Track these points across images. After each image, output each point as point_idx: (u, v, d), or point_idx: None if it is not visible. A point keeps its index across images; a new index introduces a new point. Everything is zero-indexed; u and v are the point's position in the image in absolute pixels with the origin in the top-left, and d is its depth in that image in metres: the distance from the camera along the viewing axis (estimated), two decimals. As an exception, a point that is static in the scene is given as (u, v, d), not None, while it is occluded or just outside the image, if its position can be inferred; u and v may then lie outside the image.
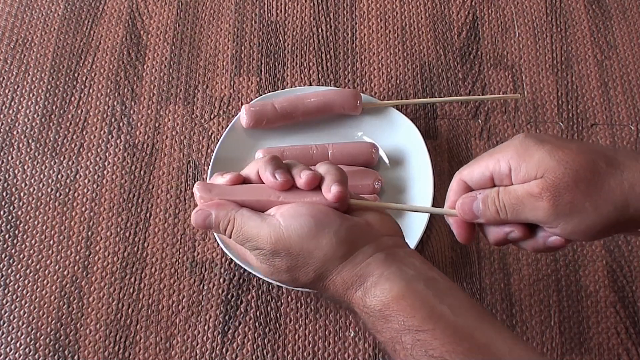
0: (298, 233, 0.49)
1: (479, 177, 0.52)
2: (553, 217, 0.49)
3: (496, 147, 0.52)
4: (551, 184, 0.48)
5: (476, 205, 0.52)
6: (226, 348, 0.70)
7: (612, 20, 0.89)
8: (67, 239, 0.75)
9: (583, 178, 0.48)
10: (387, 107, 0.80)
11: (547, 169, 0.48)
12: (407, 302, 0.47)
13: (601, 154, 0.49)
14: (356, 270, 0.49)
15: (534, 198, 0.49)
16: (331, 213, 0.50)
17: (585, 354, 0.71)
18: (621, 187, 0.47)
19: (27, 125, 0.81)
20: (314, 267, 0.50)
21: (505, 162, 0.50)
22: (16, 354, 0.70)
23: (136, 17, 0.88)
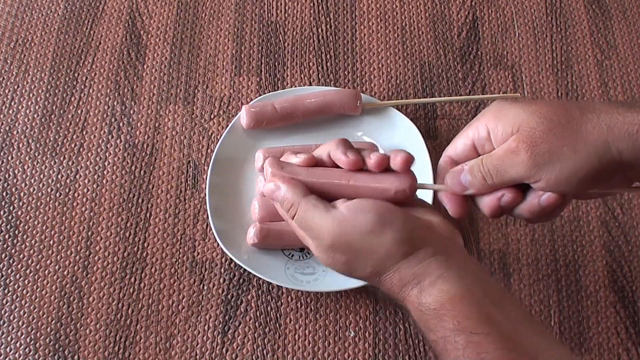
0: (360, 229, 0.50)
1: (462, 149, 0.53)
2: (534, 169, 0.48)
3: (475, 117, 0.53)
4: (526, 135, 0.48)
5: (464, 177, 0.52)
6: (226, 348, 0.70)
7: (612, 20, 0.89)
8: (67, 239, 0.75)
9: (557, 124, 0.48)
10: (387, 107, 0.80)
11: (521, 122, 0.48)
12: (463, 304, 0.47)
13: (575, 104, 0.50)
14: (415, 269, 0.49)
15: (513, 154, 0.49)
16: (395, 210, 0.51)
17: (585, 354, 0.71)
18: (599, 128, 0.47)
19: (27, 125, 0.81)
20: (372, 262, 0.50)
21: (483, 126, 0.51)
22: (16, 354, 0.70)
23: (136, 17, 0.88)
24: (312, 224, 0.51)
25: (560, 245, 0.75)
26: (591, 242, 0.76)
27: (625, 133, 0.46)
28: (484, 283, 0.50)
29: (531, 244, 0.75)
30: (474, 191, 0.53)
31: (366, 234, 0.50)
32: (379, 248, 0.50)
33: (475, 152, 0.52)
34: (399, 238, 0.50)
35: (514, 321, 0.48)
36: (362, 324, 0.71)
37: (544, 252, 0.75)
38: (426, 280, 0.49)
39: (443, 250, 0.50)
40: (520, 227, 0.76)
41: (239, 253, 0.71)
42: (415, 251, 0.50)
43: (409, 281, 0.49)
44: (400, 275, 0.50)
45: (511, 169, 0.49)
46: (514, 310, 0.49)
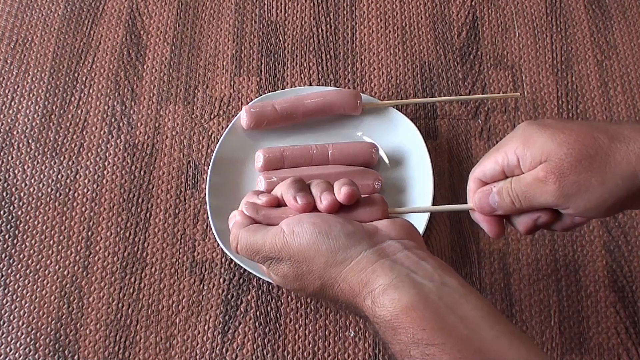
0: (299, 240, 0.50)
1: (492, 173, 0.53)
2: (562, 199, 0.49)
3: (502, 141, 0.53)
4: (555, 166, 0.49)
5: (492, 198, 0.53)
6: (226, 348, 0.70)
7: (612, 20, 0.89)
8: (67, 239, 0.75)
9: (586, 155, 0.48)
10: (387, 107, 0.80)
11: (550, 152, 0.49)
12: (416, 314, 0.46)
13: (603, 129, 0.49)
14: (362, 276, 0.48)
15: (541, 183, 0.49)
16: (332, 219, 0.51)
17: (585, 354, 0.71)
18: (627, 158, 0.47)
19: (27, 125, 0.81)
20: (317, 274, 0.50)
21: (512, 153, 0.51)
22: (16, 354, 0.70)
23: (136, 17, 0.88)
24: (255, 246, 0.52)
25: (560, 245, 0.75)
26: (591, 242, 0.76)
27: None
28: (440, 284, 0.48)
29: (531, 244, 0.75)
30: (502, 212, 0.54)
31: (305, 245, 0.50)
32: (318, 257, 0.49)
33: (503, 175, 0.53)
34: (335, 245, 0.49)
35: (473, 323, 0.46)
36: (362, 324, 0.71)
37: (544, 252, 0.75)
38: (376, 288, 0.47)
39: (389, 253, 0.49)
40: (520, 227, 0.76)
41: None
42: (356, 257, 0.49)
43: (360, 290, 0.48)
44: (349, 284, 0.49)
45: (540, 197, 0.50)
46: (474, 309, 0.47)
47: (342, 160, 0.76)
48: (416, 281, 0.47)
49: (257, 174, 0.76)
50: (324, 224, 0.50)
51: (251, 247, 0.52)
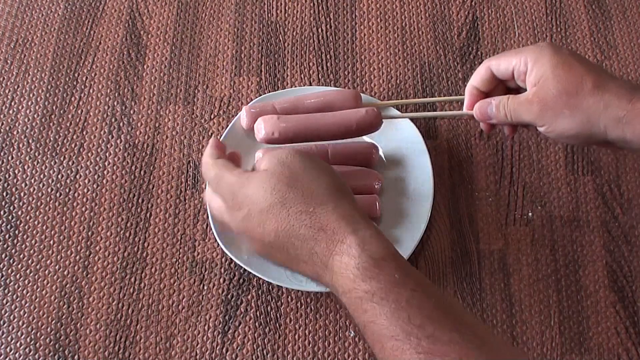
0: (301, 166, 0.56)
1: (504, 70, 0.64)
2: (540, 119, 0.62)
3: (524, 48, 0.65)
4: (542, 94, 0.61)
5: (490, 109, 0.66)
6: (226, 348, 0.70)
7: (612, 20, 0.89)
8: (67, 239, 0.75)
9: (568, 92, 0.59)
10: (387, 107, 0.80)
11: (545, 79, 0.61)
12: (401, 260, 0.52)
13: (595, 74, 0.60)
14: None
15: (529, 103, 0.62)
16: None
17: (585, 354, 0.71)
18: (597, 104, 0.58)
19: (27, 125, 0.81)
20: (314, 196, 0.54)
21: (525, 62, 0.62)
22: (16, 354, 0.70)
23: (136, 17, 0.88)
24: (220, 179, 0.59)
25: (560, 245, 0.75)
26: (591, 242, 0.76)
27: (614, 115, 0.58)
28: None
29: (531, 244, 0.75)
30: (495, 122, 0.66)
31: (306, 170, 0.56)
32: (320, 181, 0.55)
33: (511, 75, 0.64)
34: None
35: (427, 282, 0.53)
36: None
37: (544, 252, 0.75)
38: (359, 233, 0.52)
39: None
40: (520, 227, 0.76)
41: (239, 253, 0.71)
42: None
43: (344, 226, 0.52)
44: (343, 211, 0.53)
45: (525, 115, 0.63)
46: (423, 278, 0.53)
47: (342, 160, 0.76)
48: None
49: (257, 174, 0.76)
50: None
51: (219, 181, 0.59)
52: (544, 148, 0.81)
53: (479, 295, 0.73)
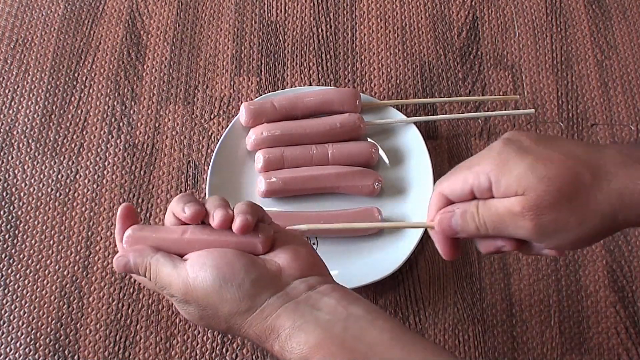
0: (203, 286, 0.48)
1: (460, 192, 0.50)
2: (537, 236, 0.47)
3: (474, 157, 0.50)
4: (533, 203, 0.46)
5: (455, 221, 0.50)
6: (226, 348, 0.70)
7: (612, 20, 0.89)
8: (67, 239, 0.75)
9: (566, 194, 0.45)
10: (387, 107, 0.80)
11: (528, 185, 0.46)
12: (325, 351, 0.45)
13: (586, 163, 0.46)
14: (267, 323, 0.48)
15: (516, 217, 0.47)
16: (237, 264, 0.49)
17: (585, 354, 0.71)
18: (609, 198, 0.45)
19: (27, 125, 0.81)
20: (222, 319, 0.49)
21: (485, 175, 0.48)
22: (16, 354, 0.70)
23: (136, 17, 0.88)
24: (163, 282, 0.50)
25: (560, 245, 0.75)
26: (591, 242, 0.76)
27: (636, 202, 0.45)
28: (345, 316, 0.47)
29: (531, 244, 0.75)
30: (464, 236, 0.51)
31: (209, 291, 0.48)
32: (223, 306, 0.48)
33: (472, 196, 0.50)
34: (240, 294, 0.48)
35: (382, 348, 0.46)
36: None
37: (544, 252, 0.75)
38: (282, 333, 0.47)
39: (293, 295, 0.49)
40: (520, 227, 0.76)
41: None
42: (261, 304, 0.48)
43: (267, 336, 0.48)
44: (255, 331, 0.48)
45: (512, 229, 0.48)
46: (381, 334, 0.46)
47: (342, 160, 0.76)
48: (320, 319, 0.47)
49: (257, 175, 0.76)
50: (227, 269, 0.48)
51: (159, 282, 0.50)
52: (544, 148, 0.81)
53: (479, 295, 0.73)
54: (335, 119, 0.77)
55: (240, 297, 0.48)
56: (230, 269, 0.49)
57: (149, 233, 0.52)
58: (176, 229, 0.52)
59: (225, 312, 0.48)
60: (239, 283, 0.48)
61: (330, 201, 0.75)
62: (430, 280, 0.74)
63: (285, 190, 0.74)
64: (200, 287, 0.48)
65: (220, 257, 0.49)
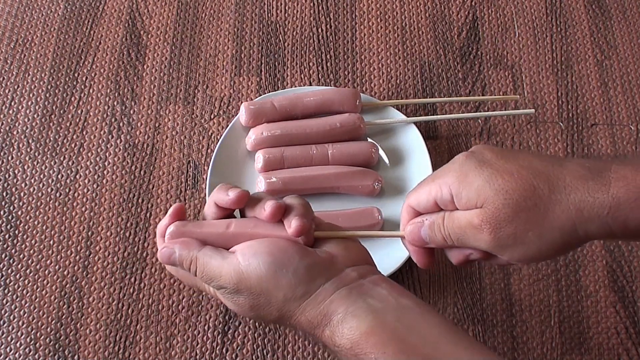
0: (257, 273, 0.48)
1: (425, 204, 0.51)
2: (496, 249, 0.48)
3: (439, 170, 0.52)
4: (491, 215, 0.47)
5: (424, 231, 0.52)
6: (226, 348, 0.70)
7: (612, 20, 0.89)
8: (67, 239, 0.75)
9: (524, 207, 0.46)
10: (387, 106, 0.80)
11: (486, 199, 0.47)
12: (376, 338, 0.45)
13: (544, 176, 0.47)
14: (320, 308, 0.48)
15: (475, 229, 0.48)
16: (290, 250, 0.49)
17: (585, 354, 0.71)
18: (567, 212, 0.45)
19: (27, 125, 0.81)
20: (276, 306, 0.49)
21: (447, 188, 0.49)
22: (16, 354, 0.70)
23: (136, 17, 0.88)
24: (211, 274, 0.50)
25: (560, 245, 0.75)
26: (591, 242, 0.76)
27: (595, 216, 0.45)
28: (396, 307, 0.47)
29: (531, 244, 0.75)
30: (434, 246, 0.52)
31: (263, 278, 0.48)
32: (277, 292, 0.48)
33: (437, 207, 0.51)
34: (295, 280, 0.48)
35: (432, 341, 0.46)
36: None
37: (543, 252, 0.75)
38: (334, 318, 0.47)
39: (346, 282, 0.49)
40: (520, 227, 0.76)
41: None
42: (315, 290, 0.48)
43: (319, 322, 0.48)
44: (307, 317, 0.48)
45: (473, 241, 0.49)
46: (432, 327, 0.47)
47: (342, 160, 0.76)
48: (373, 306, 0.47)
49: (257, 175, 0.76)
50: (281, 255, 0.49)
51: (207, 274, 0.50)
52: (543, 148, 0.81)
53: (479, 295, 0.73)
54: (335, 119, 0.77)
55: (296, 282, 0.48)
56: (285, 255, 0.49)
57: (193, 228, 0.52)
58: (220, 223, 0.52)
59: (279, 298, 0.48)
60: (294, 268, 0.48)
61: (330, 201, 0.75)
62: (430, 280, 0.74)
63: (285, 190, 0.74)
64: (254, 274, 0.48)
65: (272, 245, 0.49)
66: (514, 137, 0.81)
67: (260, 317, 0.51)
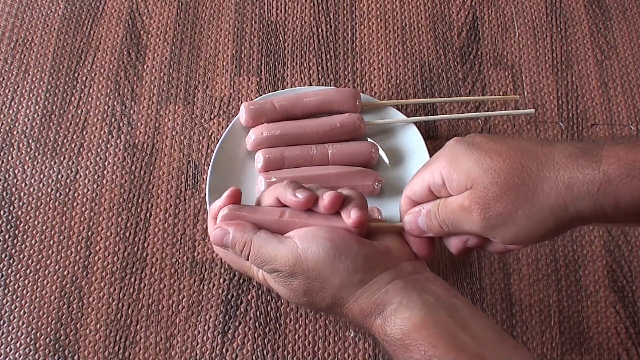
0: (315, 257, 0.48)
1: (420, 192, 0.52)
2: (487, 229, 0.47)
3: (432, 158, 0.51)
4: (479, 195, 0.46)
5: (421, 220, 0.52)
6: (226, 348, 0.70)
7: (612, 20, 0.89)
8: (67, 239, 0.75)
9: (512, 185, 0.45)
10: (387, 106, 0.80)
11: (475, 178, 0.47)
12: (428, 332, 0.45)
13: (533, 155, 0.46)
14: (374, 297, 0.48)
15: (465, 211, 0.48)
16: (349, 238, 0.50)
17: (585, 354, 0.71)
18: (556, 189, 0.45)
19: (27, 125, 0.81)
20: (330, 292, 0.49)
21: (438, 173, 0.49)
22: (16, 354, 0.70)
23: (136, 17, 0.88)
24: (267, 256, 0.50)
25: (560, 245, 0.75)
26: (591, 242, 0.76)
27: (585, 193, 0.44)
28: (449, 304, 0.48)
29: (531, 244, 0.75)
30: (433, 234, 0.52)
31: (321, 262, 0.48)
32: (334, 277, 0.48)
33: (432, 195, 0.51)
34: (353, 267, 0.48)
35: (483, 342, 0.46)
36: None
37: (544, 252, 0.75)
38: (387, 308, 0.47)
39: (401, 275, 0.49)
40: (520, 227, 0.76)
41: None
42: (371, 279, 0.48)
43: (371, 311, 0.48)
44: (360, 305, 0.48)
45: (465, 225, 0.49)
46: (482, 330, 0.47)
47: (342, 160, 0.76)
48: (427, 301, 0.47)
49: (257, 175, 0.76)
50: (341, 242, 0.49)
51: (262, 257, 0.50)
52: (544, 148, 0.81)
53: (479, 295, 0.73)
54: (335, 119, 0.77)
55: (354, 269, 0.48)
56: (344, 242, 0.49)
57: (247, 213, 0.52)
58: (274, 210, 0.52)
59: (335, 284, 0.48)
60: (353, 255, 0.49)
61: (330, 201, 0.75)
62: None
63: (285, 190, 0.74)
64: (312, 258, 0.48)
65: (332, 231, 0.50)
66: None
67: (312, 304, 0.51)
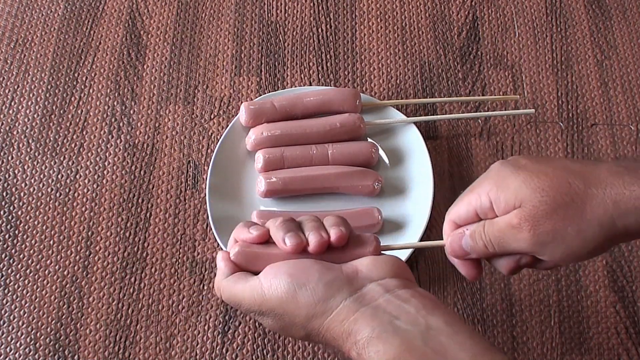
0: (277, 294, 0.48)
1: (465, 215, 0.52)
2: (537, 247, 0.48)
3: (476, 181, 0.53)
4: (529, 213, 0.48)
5: (465, 242, 0.52)
6: (226, 348, 0.70)
7: (612, 20, 0.89)
8: (67, 239, 0.75)
9: (561, 203, 0.47)
10: (387, 106, 0.80)
11: (523, 198, 0.48)
12: None
13: (578, 173, 0.48)
14: (344, 327, 0.47)
15: (514, 229, 0.48)
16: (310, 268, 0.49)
17: (585, 354, 0.71)
18: (604, 206, 0.46)
19: (27, 125, 0.81)
20: (300, 325, 0.48)
21: (485, 195, 0.50)
22: (16, 354, 0.70)
23: (136, 17, 0.88)
24: (236, 299, 0.50)
25: (560, 245, 0.75)
26: (591, 242, 0.76)
27: (632, 208, 0.46)
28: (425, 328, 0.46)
29: (531, 244, 0.75)
30: (476, 256, 0.52)
31: (283, 299, 0.48)
32: (300, 311, 0.48)
33: (477, 218, 0.52)
34: (314, 297, 0.48)
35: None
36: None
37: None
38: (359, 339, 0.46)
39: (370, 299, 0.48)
40: (520, 227, 0.76)
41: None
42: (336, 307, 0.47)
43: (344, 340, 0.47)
44: (332, 335, 0.47)
45: (513, 242, 0.49)
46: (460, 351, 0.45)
47: (342, 160, 0.76)
48: (400, 329, 0.46)
49: (257, 174, 0.76)
50: (301, 275, 0.48)
51: (233, 300, 0.51)
52: (543, 148, 0.81)
53: (479, 295, 0.73)
54: (335, 119, 0.77)
55: (315, 300, 0.48)
56: (304, 274, 0.49)
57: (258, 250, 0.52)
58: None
59: (302, 317, 0.48)
60: (312, 287, 0.48)
61: (330, 201, 0.75)
62: (430, 280, 0.74)
63: (285, 190, 0.74)
64: (275, 296, 0.48)
65: (295, 265, 0.49)
66: (514, 137, 0.81)
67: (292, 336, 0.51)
